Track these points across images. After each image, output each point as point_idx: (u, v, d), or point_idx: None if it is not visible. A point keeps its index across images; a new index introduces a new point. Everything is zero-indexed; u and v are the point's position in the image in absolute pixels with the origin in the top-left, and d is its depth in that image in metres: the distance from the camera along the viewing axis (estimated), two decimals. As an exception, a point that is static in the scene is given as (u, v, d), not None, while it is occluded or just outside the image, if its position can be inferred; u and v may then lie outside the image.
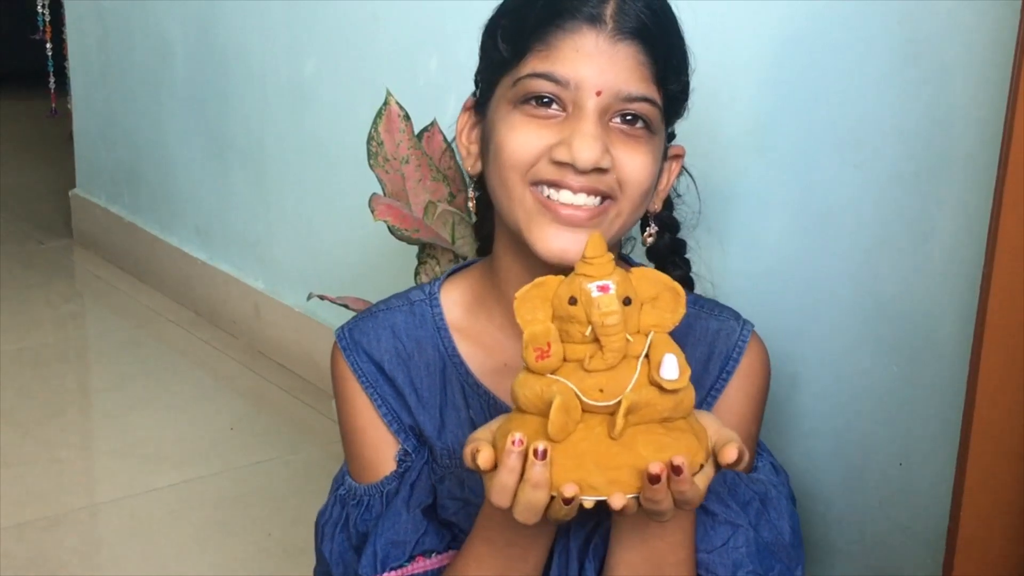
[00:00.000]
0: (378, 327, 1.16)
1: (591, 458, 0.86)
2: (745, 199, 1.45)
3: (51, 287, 3.15)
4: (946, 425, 1.27)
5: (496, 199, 1.08)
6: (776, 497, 1.12)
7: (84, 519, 1.95)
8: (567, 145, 1.01)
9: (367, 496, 1.14)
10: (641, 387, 0.86)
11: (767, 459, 1.16)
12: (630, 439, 0.86)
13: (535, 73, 1.02)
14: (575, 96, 1.02)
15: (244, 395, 2.46)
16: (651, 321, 0.89)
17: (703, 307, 1.15)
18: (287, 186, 2.51)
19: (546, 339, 0.87)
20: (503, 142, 1.04)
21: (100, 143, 3.32)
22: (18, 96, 5.19)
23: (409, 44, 2.06)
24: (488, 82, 1.09)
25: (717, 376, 1.12)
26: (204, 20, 2.71)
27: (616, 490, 0.86)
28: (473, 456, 0.90)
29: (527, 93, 1.03)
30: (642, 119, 1.03)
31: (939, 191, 1.26)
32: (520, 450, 0.87)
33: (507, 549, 1.01)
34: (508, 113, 1.05)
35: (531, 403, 0.88)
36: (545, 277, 0.90)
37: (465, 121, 1.13)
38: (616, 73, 1.01)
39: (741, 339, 1.13)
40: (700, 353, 1.12)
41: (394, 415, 1.14)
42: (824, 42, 1.35)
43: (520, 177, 1.04)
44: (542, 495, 0.87)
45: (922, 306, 1.30)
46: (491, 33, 1.09)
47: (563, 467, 0.86)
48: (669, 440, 0.87)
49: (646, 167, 1.04)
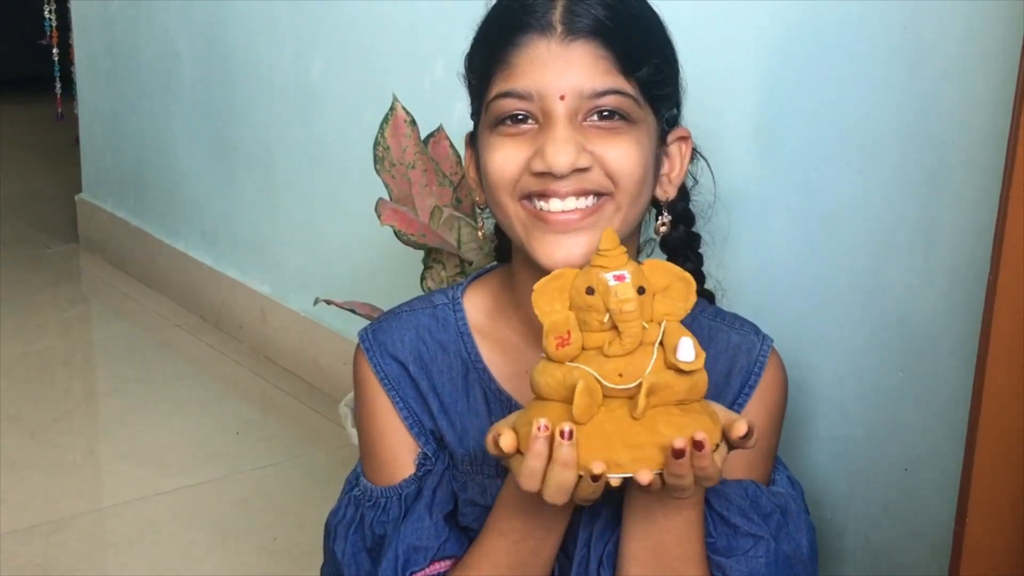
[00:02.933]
0: (402, 328, 1.16)
1: (616, 437, 0.89)
2: (749, 202, 1.45)
3: (57, 291, 3.16)
4: (952, 430, 1.27)
5: (499, 222, 1.10)
6: (796, 511, 1.12)
7: (90, 523, 1.95)
8: (541, 154, 1.02)
9: (384, 498, 1.14)
10: (659, 370, 0.90)
11: (784, 472, 1.17)
12: (650, 420, 0.90)
13: (499, 94, 1.04)
14: (541, 106, 1.03)
15: (250, 400, 2.47)
16: (664, 310, 0.93)
17: (724, 320, 1.16)
18: (293, 191, 2.52)
19: (566, 327, 0.91)
20: (488, 164, 1.06)
21: (106, 148, 3.33)
22: (25, 101, 5.20)
23: (415, 49, 2.06)
24: (475, 113, 1.12)
25: (739, 391, 1.12)
26: (211, 25, 2.71)
27: (642, 467, 0.89)
28: (495, 441, 0.92)
29: (498, 114, 1.05)
30: (616, 112, 1.04)
31: (944, 194, 1.26)
32: (546, 435, 0.90)
33: (520, 543, 1.03)
34: (488, 137, 1.07)
35: (553, 390, 0.92)
36: (562, 269, 0.94)
37: (468, 157, 1.16)
38: (575, 74, 1.02)
39: (762, 354, 1.13)
40: (721, 366, 1.13)
41: (415, 418, 1.14)
42: (827, 45, 1.35)
43: (509, 195, 1.05)
44: (571, 475, 0.90)
45: (927, 310, 1.30)
46: (465, 66, 1.12)
47: (589, 447, 0.89)
48: (687, 420, 0.90)
49: (630, 155, 1.04)
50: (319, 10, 2.31)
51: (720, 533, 1.07)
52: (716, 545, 1.06)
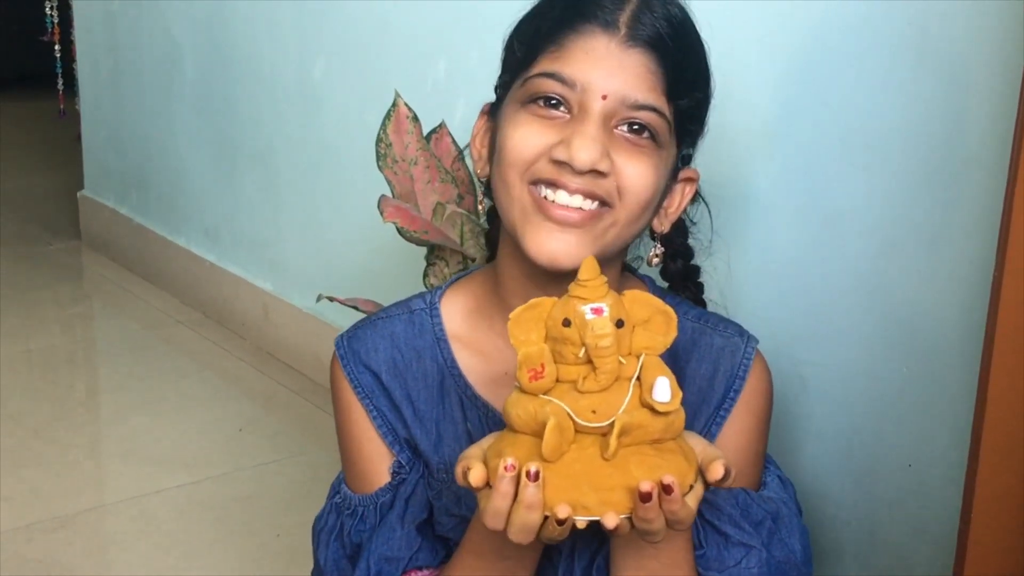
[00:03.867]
0: (376, 336, 1.15)
1: (584, 479, 0.87)
2: (753, 202, 1.45)
3: (59, 288, 3.16)
4: (956, 426, 1.27)
5: (497, 199, 1.08)
6: (788, 515, 1.12)
7: (92, 520, 1.95)
8: (566, 144, 1.01)
9: (361, 507, 1.14)
10: (633, 409, 0.87)
11: (774, 472, 1.16)
12: (622, 460, 0.87)
13: (544, 72, 1.03)
14: (581, 98, 1.02)
15: (253, 396, 2.47)
16: (643, 343, 0.90)
17: (708, 322, 1.15)
18: (296, 188, 2.52)
19: (540, 360, 0.89)
20: (507, 139, 1.05)
21: (108, 145, 3.33)
22: (27, 98, 5.19)
23: (418, 48, 2.06)
24: (504, 85, 1.10)
25: (724, 395, 1.12)
26: (213, 22, 2.71)
27: (609, 510, 0.87)
28: (464, 474, 0.91)
29: (535, 92, 1.04)
30: (648, 129, 1.03)
31: (948, 194, 1.26)
32: (512, 475, 0.87)
33: (498, 563, 1.02)
34: (516, 112, 1.05)
35: (524, 423, 0.89)
36: (539, 299, 0.91)
37: (480, 126, 1.14)
38: (624, 79, 1.02)
39: (746, 356, 1.13)
40: (705, 370, 1.12)
41: (389, 427, 1.14)
42: (832, 45, 1.35)
43: (519, 175, 1.04)
44: (536, 516, 0.88)
45: (932, 308, 1.30)
46: (511, 37, 1.10)
47: (556, 487, 0.87)
48: (660, 461, 0.88)
49: (646, 177, 1.04)
50: (322, 9, 2.31)
51: (711, 543, 1.06)
52: (707, 556, 1.05)
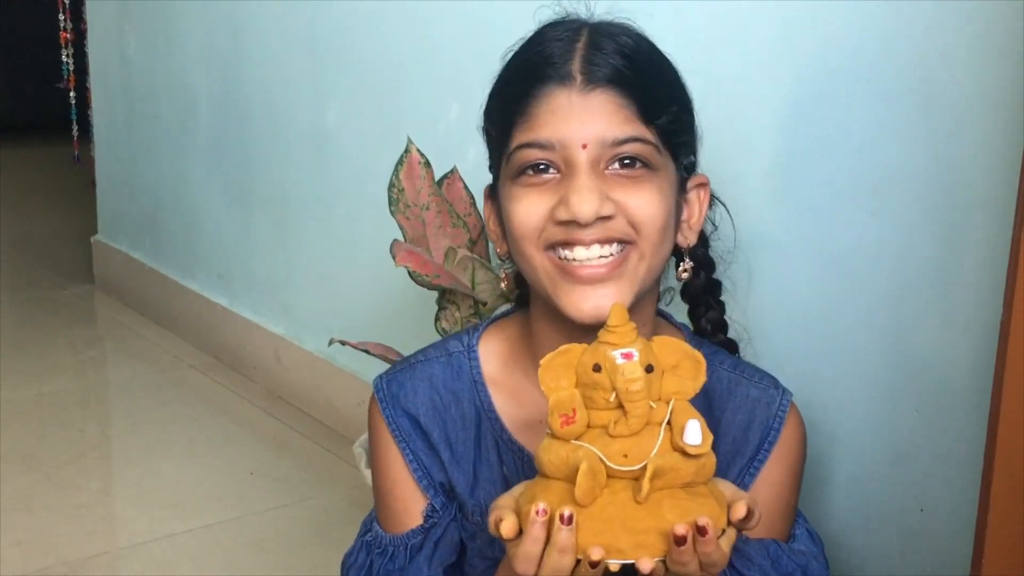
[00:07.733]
0: (415, 379, 1.16)
1: (617, 522, 0.87)
2: (764, 247, 1.45)
3: (73, 332, 3.17)
4: (967, 470, 1.27)
5: (523, 271, 1.10)
6: (817, 569, 1.11)
7: (104, 564, 1.95)
8: (565, 203, 1.02)
9: (392, 547, 1.15)
10: (665, 452, 0.88)
11: (803, 525, 1.16)
12: (655, 503, 0.88)
13: (521, 144, 1.05)
14: (564, 155, 1.03)
15: (264, 440, 2.47)
16: (672, 388, 0.91)
17: (743, 372, 1.15)
18: (308, 232, 2.53)
19: (571, 405, 0.89)
20: (511, 216, 1.06)
21: (123, 190, 3.36)
22: (42, 144, 5.24)
23: (430, 93, 2.08)
24: (495, 165, 1.12)
25: (758, 447, 1.12)
26: (227, 68, 2.74)
27: (643, 553, 0.87)
28: (496, 524, 0.91)
29: (520, 165, 1.05)
30: (638, 159, 1.04)
31: (958, 238, 1.26)
32: (544, 520, 0.87)
33: None
34: (510, 188, 1.07)
35: (556, 468, 0.90)
36: (569, 345, 0.92)
37: (488, 209, 1.16)
38: (596, 123, 1.03)
39: (781, 408, 1.13)
40: (740, 420, 1.12)
41: (424, 471, 1.15)
42: (841, 91, 1.36)
43: (534, 245, 1.05)
44: (568, 560, 0.88)
45: (942, 350, 1.30)
46: (484, 118, 1.12)
47: (589, 531, 0.87)
48: (693, 504, 0.88)
49: (653, 203, 1.04)
50: (335, 55, 2.34)
51: None
52: None
